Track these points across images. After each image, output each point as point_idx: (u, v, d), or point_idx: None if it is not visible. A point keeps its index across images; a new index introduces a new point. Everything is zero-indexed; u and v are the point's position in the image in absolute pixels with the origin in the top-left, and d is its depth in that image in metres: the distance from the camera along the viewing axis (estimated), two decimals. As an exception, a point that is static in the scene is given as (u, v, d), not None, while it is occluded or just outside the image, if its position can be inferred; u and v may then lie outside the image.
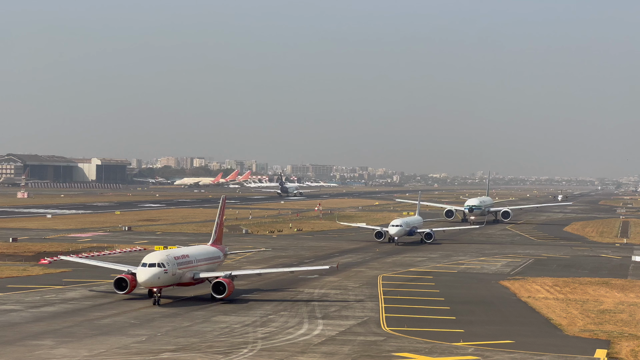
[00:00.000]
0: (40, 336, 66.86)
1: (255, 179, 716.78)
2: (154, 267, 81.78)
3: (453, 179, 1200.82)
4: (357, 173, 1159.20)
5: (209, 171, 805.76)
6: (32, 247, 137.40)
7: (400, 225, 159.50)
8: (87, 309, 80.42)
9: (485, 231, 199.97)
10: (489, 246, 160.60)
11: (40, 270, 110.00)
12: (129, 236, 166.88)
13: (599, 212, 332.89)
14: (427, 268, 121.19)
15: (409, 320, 75.77)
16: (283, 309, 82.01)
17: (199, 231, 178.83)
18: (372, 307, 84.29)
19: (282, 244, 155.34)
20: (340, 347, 64.40)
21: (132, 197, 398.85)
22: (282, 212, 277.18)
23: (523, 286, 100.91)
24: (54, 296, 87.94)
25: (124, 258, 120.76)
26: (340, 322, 75.15)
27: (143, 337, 67.19)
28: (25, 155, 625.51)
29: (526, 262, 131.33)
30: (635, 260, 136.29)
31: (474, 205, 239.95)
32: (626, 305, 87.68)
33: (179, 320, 74.92)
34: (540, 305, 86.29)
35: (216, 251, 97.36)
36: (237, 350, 62.40)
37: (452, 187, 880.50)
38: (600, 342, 67.87)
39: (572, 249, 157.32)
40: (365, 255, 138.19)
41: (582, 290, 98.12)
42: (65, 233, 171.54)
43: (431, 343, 66.18)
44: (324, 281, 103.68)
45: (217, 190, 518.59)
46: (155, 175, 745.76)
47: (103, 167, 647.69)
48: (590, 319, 79.02)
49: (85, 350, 61.65)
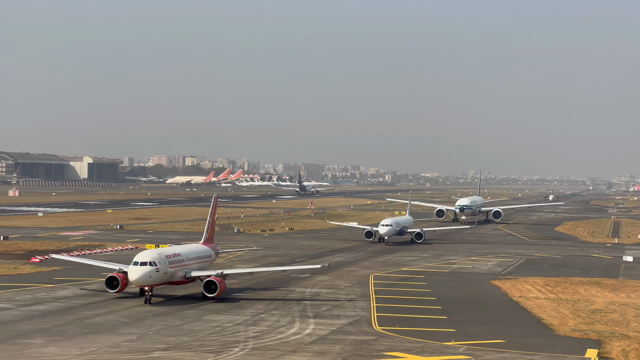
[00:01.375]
0: (31, 335, 66.67)
1: (247, 177, 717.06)
2: (145, 266, 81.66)
3: (445, 178, 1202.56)
4: (349, 172, 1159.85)
5: (201, 170, 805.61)
6: (23, 246, 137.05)
7: (391, 224, 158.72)
8: (78, 307, 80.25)
9: (476, 231, 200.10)
10: (480, 246, 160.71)
11: (32, 268, 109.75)
12: (120, 235, 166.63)
13: (591, 212, 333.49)
14: (419, 267, 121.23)
15: (401, 320, 75.76)
16: (274, 308, 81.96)
17: (191, 230, 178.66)
18: (364, 306, 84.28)
19: (273, 243, 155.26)
20: (331, 346, 64.37)
21: (123, 195, 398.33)
22: (274, 211, 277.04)
23: (514, 286, 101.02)
24: (45, 294, 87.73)
25: (115, 256, 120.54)
26: (331, 322, 75.12)
27: (134, 335, 67.06)
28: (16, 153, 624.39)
29: (518, 262, 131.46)
30: (626, 260, 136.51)
31: (464, 204, 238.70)
32: (617, 305, 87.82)
33: (171, 319, 74.80)
34: (532, 305, 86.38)
35: (208, 250, 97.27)
36: (229, 349, 62.32)
37: (444, 187, 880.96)
38: (591, 342, 67.93)
39: (563, 249, 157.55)
40: (357, 255, 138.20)
41: (573, 290, 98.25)
42: (57, 231, 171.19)
43: (422, 342, 66.18)
44: (316, 280, 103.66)
45: (209, 189, 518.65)
46: (147, 173, 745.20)
47: (95, 165, 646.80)
48: (581, 318, 79.13)
49: (76, 349, 61.50)
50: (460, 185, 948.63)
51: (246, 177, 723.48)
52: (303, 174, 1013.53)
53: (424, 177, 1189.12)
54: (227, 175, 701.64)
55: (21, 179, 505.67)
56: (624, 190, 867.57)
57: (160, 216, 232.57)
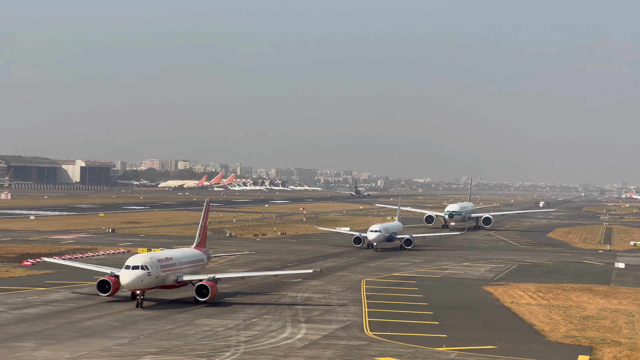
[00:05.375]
0: (22, 338, 66.52)
1: (239, 182, 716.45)
2: (137, 270, 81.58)
3: (437, 184, 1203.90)
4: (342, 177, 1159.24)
5: (194, 174, 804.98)
6: (15, 249, 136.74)
7: (380, 230, 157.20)
8: (70, 310, 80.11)
9: (468, 237, 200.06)
10: (472, 252, 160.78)
11: (23, 271, 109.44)
12: (112, 238, 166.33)
13: (583, 218, 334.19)
14: (411, 273, 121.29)
15: (392, 325, 75.81)
16: (266, 313, 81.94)
17: (183, 234, 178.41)
18: (355, 311, 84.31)
19: (266, 248, 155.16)
20: (323, 351, 64.36)
21: (116, 199, 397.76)
22: (267, 215, 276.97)
23: (506, 292, 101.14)
24: (37, 298, 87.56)
25: (107, 260, 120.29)
26: (323, 326, 75.12)
27: (125, 339, 66.96)
28: (8, 156, 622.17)
29: (509, 268, 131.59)
30: (618, 266, 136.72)
31: (454, 211, 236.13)
32: (609, 312, 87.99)
33: (162, 323, 74.73)
34: (523, 311, 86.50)
35: (200, 254, 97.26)
36: (220, 354, 62.28)
37: (436, 192, 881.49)
38: (582, 349, 68.06)
39: (555, 255, 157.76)
40: (349, 260, 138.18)
41: (565, 296, 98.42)
42: (49, 235, 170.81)
43: (414, 348, 66.22)
44: (308, 285, 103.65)
45: (202, 193, 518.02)
46: (139, 177, 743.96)
47: (87, 168, 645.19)
48: (572, 325, 79.25)
49: (67, 353, 61.39)
50: (452, 191, 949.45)
51: (238, 181, 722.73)
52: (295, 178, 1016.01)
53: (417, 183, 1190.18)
54: (219, 180, 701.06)
55: (13, 182, 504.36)
56: (616, 196, 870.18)
57: (152, 220, 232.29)
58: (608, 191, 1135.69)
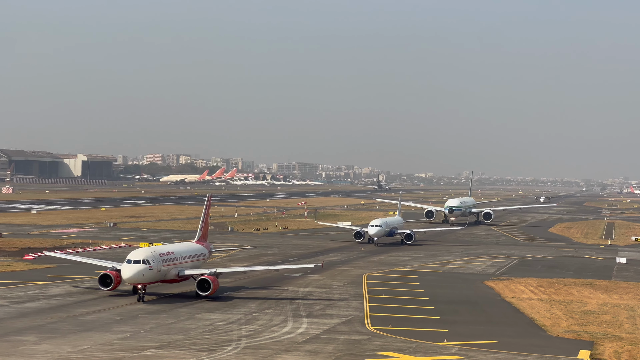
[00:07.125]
0: (23, 332, 66.59)
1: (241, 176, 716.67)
2: (138, 264, 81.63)
3: (439, 178, 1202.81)
4: (343, 172, 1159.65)
5: (195, 168, 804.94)
6: (17, 243, 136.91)
7: (380, 225, 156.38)
8: (71, 305, 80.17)
9: (470, 232, 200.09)
10: (474, 246, 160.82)
11: (25, 265, 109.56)
12: (114, 232, 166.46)
13: (584, 213, 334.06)
14: (412, 267, 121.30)
15: (394, 320, 75.81)
16: (267, 307, 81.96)
17: (184, 228, 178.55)
18: (357, 306, 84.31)
19: (267, 242, 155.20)
20: (324, 345, 64.38)
21: (117, 193, 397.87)
22: (268, 210, 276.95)
23: (507, 286, 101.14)
24: (38, 292, 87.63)
25: (108, 254, 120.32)
26: (324, 321, 75.13)
27: (127, 333, 67.00)
28: (10, 150, 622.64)
29: (511, 263, 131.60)
30: (619, 261, 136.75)
31: (454, 205, 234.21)
32: (610, 307, 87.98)
33: (163, 317, 74.77)
34: (525, 306, 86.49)
35: (201, 248, 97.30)
36: (221, 348, 62.31)
37: (437, 187, 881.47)
38: (583, 343, 68.05)
39: (556, 250, 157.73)
40: (350, 254, 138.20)
41: (566, 291, 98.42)
42: (50, 229, 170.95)
43: (415, 342, 66.22)
44: (309, 279, 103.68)
45: (203, 188, 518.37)
46: (141, 171, 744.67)
47: (89, 163, 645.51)
48: (574, 319, 79.26)
49: (69, 347, 61.44)
50: (454, 186, 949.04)
51: (240, 176, 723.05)
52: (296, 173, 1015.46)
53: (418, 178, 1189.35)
54: (221, 174, 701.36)
55: (15, 176, 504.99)
56: (618, 191, 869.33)
57: (153, 214, 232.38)
58: (609, 186, 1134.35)
